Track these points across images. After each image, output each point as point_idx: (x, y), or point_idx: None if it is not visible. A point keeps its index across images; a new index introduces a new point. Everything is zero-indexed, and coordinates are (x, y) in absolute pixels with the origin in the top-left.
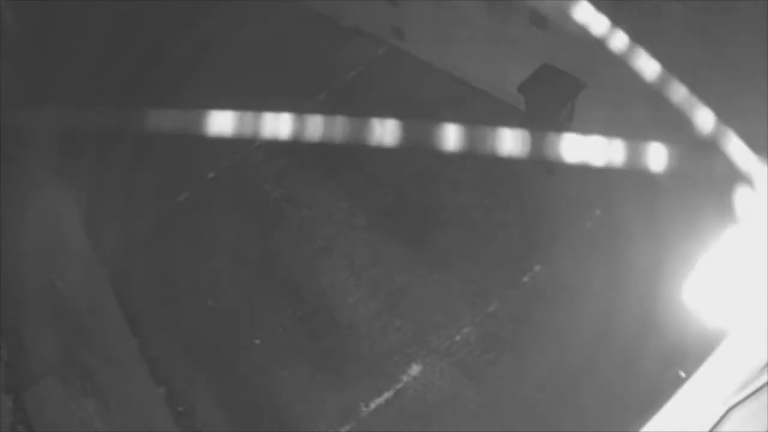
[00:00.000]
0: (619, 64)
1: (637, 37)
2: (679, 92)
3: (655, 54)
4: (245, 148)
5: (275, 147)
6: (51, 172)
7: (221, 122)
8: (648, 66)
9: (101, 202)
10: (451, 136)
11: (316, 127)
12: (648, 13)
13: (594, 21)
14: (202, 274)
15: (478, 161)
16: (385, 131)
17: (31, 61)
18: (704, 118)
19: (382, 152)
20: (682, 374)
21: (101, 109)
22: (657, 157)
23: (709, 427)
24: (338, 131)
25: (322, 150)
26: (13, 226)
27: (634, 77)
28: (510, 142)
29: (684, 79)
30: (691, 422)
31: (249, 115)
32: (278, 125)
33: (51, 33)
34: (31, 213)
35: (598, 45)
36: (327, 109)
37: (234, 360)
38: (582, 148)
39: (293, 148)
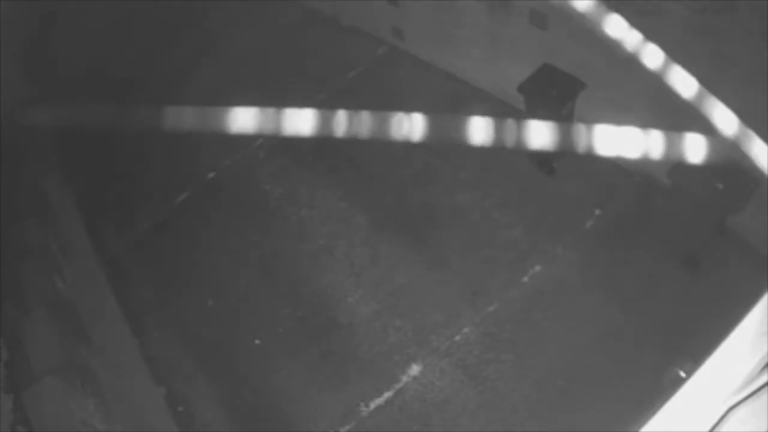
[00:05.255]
0: (620, 63)
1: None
2: (682, 90)
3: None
4: (245, 148)
5: (275, 146)
6: (51, 171)
7: (221, 122)
8: (649, 65)
9: (101, 202)
10: (451, 136)
11: (316, 126)
12: (648, 13)
13: (595, 20)
14: (202, 274)
15: (477, 161)
16: (385, 130)
17: (31, 59)
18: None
19: (382, 152)
20: (682, 374)
21: (101, 109)
22: (658, 156)
23: (709, 427)
24: (338, 131)
25: (322, 149)
26: (13, 226)
27: (635, 77)
28: (510, 141)
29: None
30: (691, 422)
31: (249, 115)
32: (278, 124)
33: (51, 31)
34: (31, 213)
35: (599, 44)
36: (327, 108)
37: (234, 360)
38: (582, 148)
39: (293, 148)
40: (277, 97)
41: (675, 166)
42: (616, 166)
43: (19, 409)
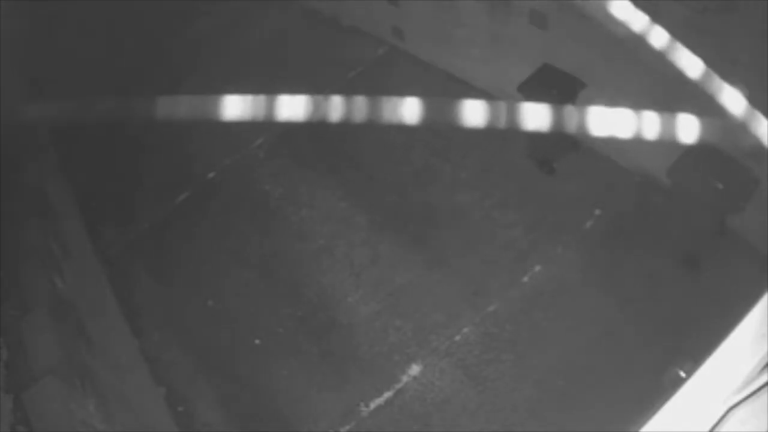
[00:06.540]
0: (620, 63)
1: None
2: (682, 89)
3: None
4: (245, 148)
5: (275, 146)
6: (51, 171)
7: (221, 121)
8: (650, 65)
9: (101, 202)
10: (451, 135)
11: (315, 126)
12: (648, 13)
13: (595, 20)
14: (202, 274)
15: (477, 161)
16: (385, 130)
17: (30, 57)
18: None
19: (382, 151)
20: (682, 374)
21: (101, 108)
22: (658, 156)
23: (709, 427)
24: (338, 130)
25: (322, 149)
26: (13, 226)
27: (636, 77)
28: (510, 141)
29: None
30: (691, 422)
31: (249, 115)
32: (278, 124)
33: (51, 29)
34: (31, 213)
35: (599, 44)
36: (327, 108)
37: (234, 360)
38: (582, 148)
39: (293, 148)
40: (276, 97)
41: (675, 165)
42: (616, 166)
43: (19, 409)
